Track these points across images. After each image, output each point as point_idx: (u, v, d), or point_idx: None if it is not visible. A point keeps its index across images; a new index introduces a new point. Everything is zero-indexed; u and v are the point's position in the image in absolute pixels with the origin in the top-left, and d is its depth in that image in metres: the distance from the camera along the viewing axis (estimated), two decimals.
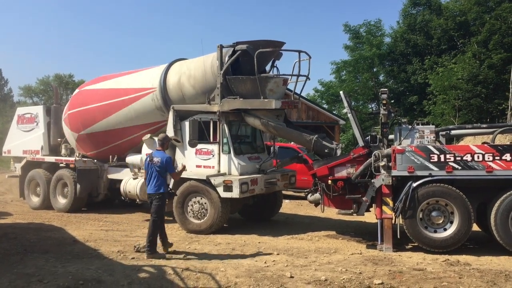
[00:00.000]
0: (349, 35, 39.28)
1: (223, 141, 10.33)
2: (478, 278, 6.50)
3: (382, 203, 8.53)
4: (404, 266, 7.25)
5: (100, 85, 13.02)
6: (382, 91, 9.04)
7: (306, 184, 12.15)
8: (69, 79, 61.71)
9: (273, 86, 10.08)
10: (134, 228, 11.01)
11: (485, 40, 30.26)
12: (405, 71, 35.58)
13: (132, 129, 11.97)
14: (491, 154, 7.95)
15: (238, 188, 9.60)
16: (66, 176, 13.22)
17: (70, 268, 6.67)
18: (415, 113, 32.59)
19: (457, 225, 8.08)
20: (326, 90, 40.87)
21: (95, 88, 13.03)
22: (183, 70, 11.14)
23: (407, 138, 8.79)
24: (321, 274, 6.64)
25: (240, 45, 10.02)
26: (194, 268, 6.84)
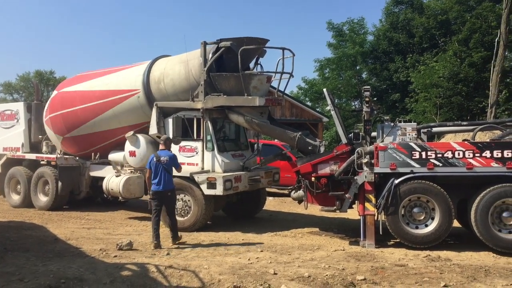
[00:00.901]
0: (332, 33, 39.56)
1: (207, 138, 10.30)
2: (458, 274, 6.60)
3: (364, 200, 8.60)
4: (386, 262, 7.32)
5: (82, 86, 12.68)
6: (365, 88, 9.10)
7: (290, 181, 12.19)
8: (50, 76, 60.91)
9: (257, 83, 10.08)
10: (116, 226, 10.93)
11: (466, 39, 30.71)
12: (388, 69, 35.93)
13: (119, 130, 11.80)
14: (471, 151, 8.06)
15: (221, 185, 9.59)
16: (47, 173, 13.06)
17: (51, 267, 6.58)
18: (397, 110, 32.96)
19: (438, 221, 8.19)
20: (310, 87, 41.10)
21: (77, 90, 12.66)
22: (166, 67, 11.07)
23: (389, 135, 8.87)
24: (305, 271, 6.67)
25: (224, 42, 9.99)
26: (177, 265, 6.81)
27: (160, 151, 8.81)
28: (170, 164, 8.61)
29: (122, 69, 12.30)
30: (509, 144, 7.98)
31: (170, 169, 8.61)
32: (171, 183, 8.69)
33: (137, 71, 11.62)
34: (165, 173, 8.51)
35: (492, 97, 23.35)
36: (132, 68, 11.98)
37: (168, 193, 8.63)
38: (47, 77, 60.37)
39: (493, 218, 7.96)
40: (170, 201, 8.76)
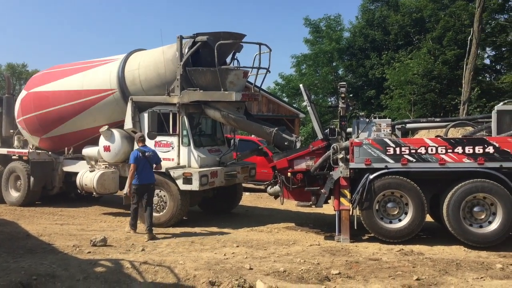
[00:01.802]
0: (309, 29, 39.70)
1: (183, 133, 10.23)
2: (430, 267, 6.73)
3: (340, 195, 8.68)
4: (360, 256, 7.42)
5: (54, 85, 12.20)
6: (341, 85, 9.17)
7: (266, 176, 12.21)
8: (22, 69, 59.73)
9: (234, 79, 10.05)
10: (90, 222, 10.77)
11: (440, 37, 31.21)
12: (364, 65, 36.25)
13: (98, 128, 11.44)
14: (444, 147, 8.20)
15: (197, 180, 9.54)
16: (19, 168, 12.78)
17: (23, 263, 6.45)
18: (372, 107, 33.32)
19: (411, 216, 8.32)
20: (287, 83, 41.16)
21: (50, 90, 12.21)
22: (142, 61, 10.92)
23: (364, 131, 8.97)
24: (280, 266, 6.70)
25: (200, 36, 9.92)
26: (153, 261, 6.76)
27: (143, 147, 9.30)
28: (154, 158, 9.25)
29: (95, 65, 11.91)
30: (480, 140, 8.15)
31: (153, 163, 9.20)
32: (154, 176, 9.28)
33: (111, 68, 11.35)
34: (150, 168, 9.15)
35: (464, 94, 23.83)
36: (106, 65, 11.63)
37: (152, 185, 9.22)
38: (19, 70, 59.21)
39: (465, 213, 8.14)
40: (152, 192, 9.29)
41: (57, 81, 12.23)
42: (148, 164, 9.09)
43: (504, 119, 8.47)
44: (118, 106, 11.02)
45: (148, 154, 9.12)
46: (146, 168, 9.08)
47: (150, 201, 9.16)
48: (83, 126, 11.79)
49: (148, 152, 9.19)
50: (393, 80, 30.04)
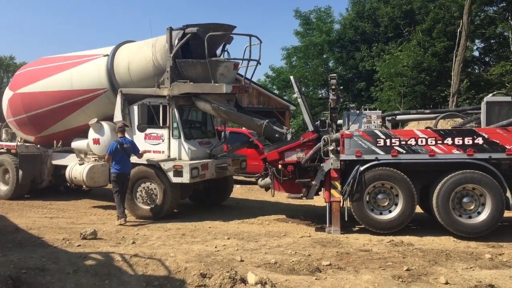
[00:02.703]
0: (299, 21, 39.65)
1: (173, 126, 10.16)
2: (420, 258, 6.78)
3: (330, 187, 8.69)
4: (351, 247, 7.45)
5: (42, 85, 11.96)
6: (331, 76, 9.15)
7: (257, 169, 12.19)
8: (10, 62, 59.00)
9: (224, 71, 9.99)
10: (80, 215, 10.71)
11: (429, 29, 31.34)
12: (354, 58, 36.33)
13: (70, 93, 11.47)
14: (433, 138, 8.24)
15: (188, 173, 9.51)
16: (7, 162, 12.64)
17: (12, 257, 6.38)
18: (363, 99, 33.43)
19: (401, 207, 8.36)
20: (277, 75, 41.16)
21: (38, 91, 11.98)
22: (131, 53, 10.82)
23: (355, 123, 8.97)
24: (271, 257, 6.71)
25: (190, 28, 9.83)
26: (143, 254, 6.73)
27: (121, 139, 9.75)
28: (132, 150, 9.74)
29: (82, 61, 11.62)
30: (469, 132, 8.19)
31: (130, 154, 9.74)
32: (130, 166, 9.81)
33: (99, 63, 11.15)
34: (127, 158, 9.70)
35: (454, 86, 24.00)
36: (94, 61, 11.37)
37: (128, 175, 9.76)
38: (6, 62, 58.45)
39: (454, 204, 8.19)
40: (127, 182, 9.81)
41: (44, 80, 11.98)
42: (125, 155, 9.64)
43: (493, 110, 8.51)
44: (110, 102, 10.91)
45: (126, 146, 9.62)
46: (124, 159, 9.63)
47: (125, 190, 9.73)
48: (78, 123, 11.67)
49: (126, 144, 9.66)
50: (383, 72, 30.15)
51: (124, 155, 9.62)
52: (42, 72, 12.21)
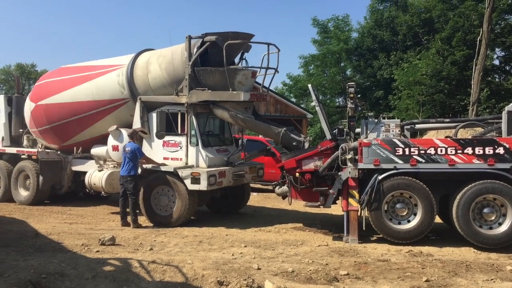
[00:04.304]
0: (317, 29, 39.64)
1: (191, 133, 10.23)
2: (440, 268, 6.68)
3: (348, 196, 8.63)
4: (369, 257, 7.38)
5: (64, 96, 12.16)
6: (350, 85, 9.12)
7: (274, 177, 12.19)
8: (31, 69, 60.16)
9: (242, 79, 10.04)
10: (99, 221, 10.82)
11: (449, 37, 31.06)
12: (372, 66, 36.17)
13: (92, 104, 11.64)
14: (453, 147, 8.14)
15: (206, 180, 9.54)
16: (28, 168, 12.85)
17: (32, 262, 6.48)
18: (380, 107, 33.23)
19: (421, 217, 8.26)
20: (294, 83, 41.16)
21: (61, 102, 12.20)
22: (150, 61, 10.94)
23: (373, 131, 8.92)
24: (288, 266, 6.69)
25: (209, 37, 9.91)
26: (161, 261, 6.76)
27: (127, 143, 10.25)
28: (131, 154, 9.99)
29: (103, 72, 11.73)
30: (490, 141, 8.08)
31: (132, 158, 9.98)
32: (132, 170, 10.03)
33: (120, 74, 11.26)
34: (128, 161, 9.99)
35: (473, 95, 23.69)
36: (114, 72, 11.46)
37: (128, 178, 10.00)
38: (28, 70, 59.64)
39: (474, 214, 8.06)
40: (129, 185, 10.01)
41: (65, 92, 12.14)
42: (126, 159, 10.04)
43: None
44: (131, 111, 11.05)
45: (127, 150, 10.05)
46: (126, 162, 10.05)
47: (130, 195, 10.03)
48: (101, 132, 11.79)
49: (127, 147, 10.08)
50: (402, 80, 29.94)
51: (125, 158, 10.04)
52: (63, 84, 12.35)
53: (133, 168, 10.02)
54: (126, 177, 10.00)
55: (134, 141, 10.26)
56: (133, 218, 9.97)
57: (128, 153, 9.97)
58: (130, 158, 9.96)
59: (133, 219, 9.97)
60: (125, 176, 10.02)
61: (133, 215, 9.98)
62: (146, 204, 10.22)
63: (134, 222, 9.95)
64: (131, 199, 10.00)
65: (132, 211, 9.99)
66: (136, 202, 10.10)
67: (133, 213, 9.99)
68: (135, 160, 10.03)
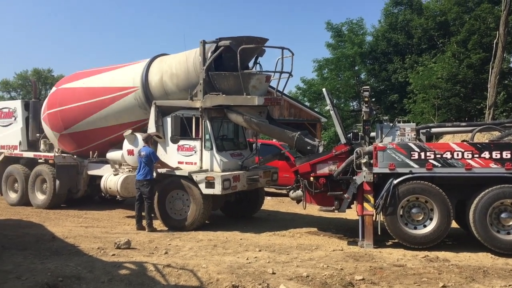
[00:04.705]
0: (331, 33, 39.55)
1: (206, 138, 10.27)
2: (457, 274, 6.61)
3: (363, 200, 8.59)
4: (384, 262, 7.32)
5: (79, 83, 12.57)
6: (364, 88, 9.08)
7: (288, 181, 12.16)
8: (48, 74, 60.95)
9: (256, 83, 10.06)
10: (114, 225, 10.91)
11: (465, 40, 30.75)
12: (386, 69, 35.97)
13: (117, 127, 11.73)
14: (470, 152, 8.06)
15: (220, 184, 9.57)
16: (45, 172, 13.01)
17: (49, 265, 6.56)
18: (395, 111, 32.99)
19: (437, 221, 8.18)
20: (308, 87, 41.11)
21: (74, 87, 12.56)
22: (165, 66, 11.03)
23: (388, 135, 8.86)
24: (303, 270, 6.66)
25: (223, 41, 9.95)
26: (176, 264, 6.80)
27: (142, 147, 10.28)
28: (146, 158, 10.01)
29: (120, 67, 12.19)
30: (507, 145, 7.99)
31: (148, 162, 10.01)
32: (148, 175, 10.07)
33: (135, 68, 11.55)
34: (144, 166, 10.02)
35: (490, 99, 23.41)
36: (130, 66, 11.90)
37: (145, 182, 10.04)
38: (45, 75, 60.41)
39: (492, 219, 7.96)
40: (145, 189, 10.06)
41: (84, 79, 12.50)
42: (141, 163, 10.06)
43: None
44: (138, 104, 11.15)
45: (142, 154, 10.09)
46: (141, 166, 10.08)
47: (146, 199, 10.08)
48: (102, 124, 11.90)
49: (142, 152, 10.12)
50: (417, 84, 29.71)
51: (141, 162, 10.08)
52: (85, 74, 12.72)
53: (149, 173, 10.08)
54: (142, 181, 10.07)
55: (149, 145, 10.31)
56: (148, 222, 10.02)
57: (144, 157, 10.04)
58: (146, 162, 10.02)
59: (148, 223, 10.02)
60: (141, 181, 10.09)
61: (148, 219, 10.04)
62: (161, 208, 10.27)
63: (149, 226, 10.01)
64: (147, 203, 10.06)
65: (148, 215, 10.04)
66: (151, 206, 10.14)
67: (148, 217, 10.05)
68: (151, 164, 10.08)
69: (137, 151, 10.58)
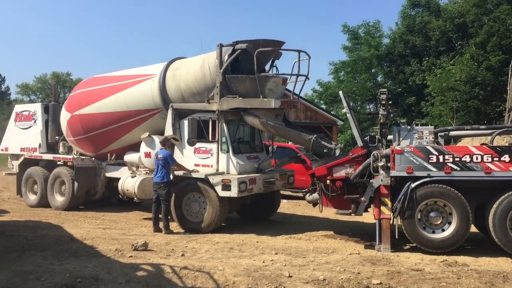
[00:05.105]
0: (347, 35, 39.38)
1: (222, 140, 10.31)
2: (476, 279, 6.51)
3: (380, 204, 8.53)
4: (402, 266, 7.25)
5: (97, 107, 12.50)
6: (382, 91, 9.03)
7: (304, 184, 12.14)
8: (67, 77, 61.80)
9: (273, 86, 10.07)
10: (131, 227, 11.00)
11: (483, 42, 30.31)
12: (403, 72, 35.64)
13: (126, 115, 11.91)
14: (489, 155, 7.95)
15: (236, 187, 9.59)
16: (64, 174, 13.18)
17: (68, 266, 6.64)
18: (413, 114, 32.68)
19: (455, 226, 8.08)
20: (325, 90, 40.95)
21: (95, 112, 12.54)
22: (182, 69, 11.10)
23: (406, 138, 8.79)
24: (320, 274, 6.63)
25: (240, 44, 9.99)
26: (192, 267, 6.82)
27: (159, 150, 10.43)
28: (163, 161, 10.13)
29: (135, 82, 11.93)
30: None
31: (166, 165, 10.15)
32: (165, 177, 10.18)
33: (152, 84, 11.44)
34: (161, 168, 10.15)
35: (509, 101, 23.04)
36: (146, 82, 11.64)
37: (162, 184, 10.14)
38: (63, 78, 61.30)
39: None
40: (162, 192, 10.15)
41: (99, 102, 12.43)
42: (159, 166, 10.18)
43: None
44: (164, 119, 11.20)
45: (159, 157, 10.20)
46: (158, 169, 10.21)
47: (163, 201, 10.14)
48: (135, 140, 12.01)
49: (160, 154, 10.23)
50: (435, 86, 29.39)
51: (158, 165, 10.19)
52: (96, 94, 12.65)
53: (166, 175, 10.17)
54: (160, 184, 10.15)
55: (166, 148, 10.39)
56: (165, 224, 10.08)
57: (161, 160, 10.13)
58: (163, 165, 10.12)
59: (165, 225, 10.08)
60: (158, 183, 10.17)
61: (165, 221, 10.09)
62: (177, 211, 10.34)
63: (165, 228, 10.07)
64: (164, 205, 10.13)
65: (164, 217, 10.10)
66: (168, 208, 10.21)
67: (165, 219, 10.10)
68: (168, 166, 10.17)
69: (154, 153, 10.68)
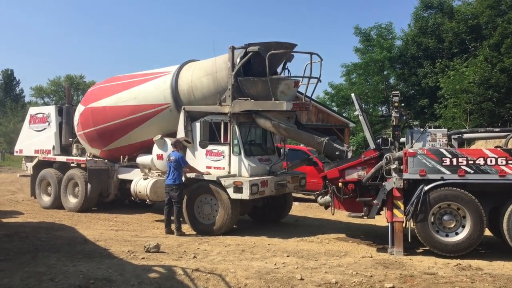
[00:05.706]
0: (359, 37, 39.22)
1: (234, 143, 10.32)
2: (490, 283, 6.44)
3: (393, 206, 8.47)
4: (415, 270, 7.19)
5: (110, 100, 12.60)
6: (394, 93, 8.97)
7: (316, 186, 12.12)
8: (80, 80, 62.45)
9: (284, 88, 10.07)
10: (144, 229, 11.05)
11: (497, 44, 30.00)
12: (416, 74, 35.42)
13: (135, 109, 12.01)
14: (504, 158, 7.87)
15: (248, 189, 9.59)
16: (77, 175, 13.29)
17: (81, 267, 6.69)
18: (425, 116, 32.43)
19: (469, 229, 8.00)
20: (336, 92, 40.85)
21: (106, 105, 12.63)
22: (194, 72, 11.15)
23: (419, 141, 8.73)
24: (332, 277, 6.61)
25: (252, 47, 10.01)
26: (204, 269, 6.83)
27: (171, 152, 10.42)
28: (176, 163, 10.13)
29: (148, 79, 12.18)
30: None
31: (178, 167, 10.14)
32: (177, 179, 10.17)
33: (164, 81, 11.60)
34: (173, 170, 10.14)
35: None
36: (158, 79, 11.86)
37: (174, 186, 10.13)
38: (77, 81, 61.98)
39: None
40: (176, 196, 10.15)
41: (112, 96, 12.60)
42: (171, 168, 10.17)
43: None
44: (173, 118, 11.27)
45: (171, 159, 10.19)
46: (170, 171, 10.20)
47: (175, 203, 10.16)
48: (142, 138, 12.14)
49: (172, 156, 10.24)
50: (448, 89, 29.14)
51: (170, 167, 10.19)
52: (111, 89, 12.86)
53: (178, 177, 10.19)
54: (172, 186, 10.17)
55: (178, 150, 10.40)
56: (177, 226, 10.11)
57: (173, 162, 10.15)
58: (175, 167, 10.14)
59: (177, 227, 10.11)
60: (170, 185, 10.19)
61: (177, 223, 10.13)
62: (189, 213, 10.37)
63: (177, 230, 10.09)
64: (176, 207, 10.15)
65: (176, 219, 10.13)
66: (180, 210, 10.23)
67: (177, 221, 10.13)
68: (180, 169, 10.19)
69: (166, 156, 10.71)
